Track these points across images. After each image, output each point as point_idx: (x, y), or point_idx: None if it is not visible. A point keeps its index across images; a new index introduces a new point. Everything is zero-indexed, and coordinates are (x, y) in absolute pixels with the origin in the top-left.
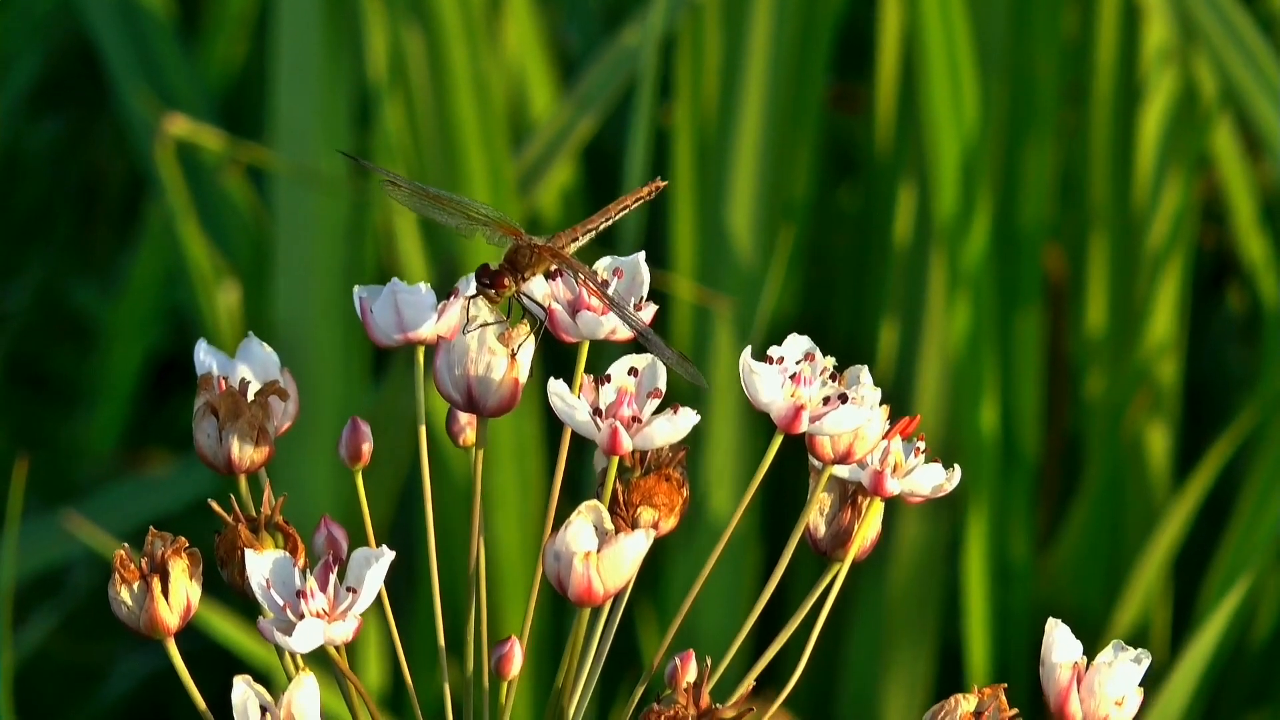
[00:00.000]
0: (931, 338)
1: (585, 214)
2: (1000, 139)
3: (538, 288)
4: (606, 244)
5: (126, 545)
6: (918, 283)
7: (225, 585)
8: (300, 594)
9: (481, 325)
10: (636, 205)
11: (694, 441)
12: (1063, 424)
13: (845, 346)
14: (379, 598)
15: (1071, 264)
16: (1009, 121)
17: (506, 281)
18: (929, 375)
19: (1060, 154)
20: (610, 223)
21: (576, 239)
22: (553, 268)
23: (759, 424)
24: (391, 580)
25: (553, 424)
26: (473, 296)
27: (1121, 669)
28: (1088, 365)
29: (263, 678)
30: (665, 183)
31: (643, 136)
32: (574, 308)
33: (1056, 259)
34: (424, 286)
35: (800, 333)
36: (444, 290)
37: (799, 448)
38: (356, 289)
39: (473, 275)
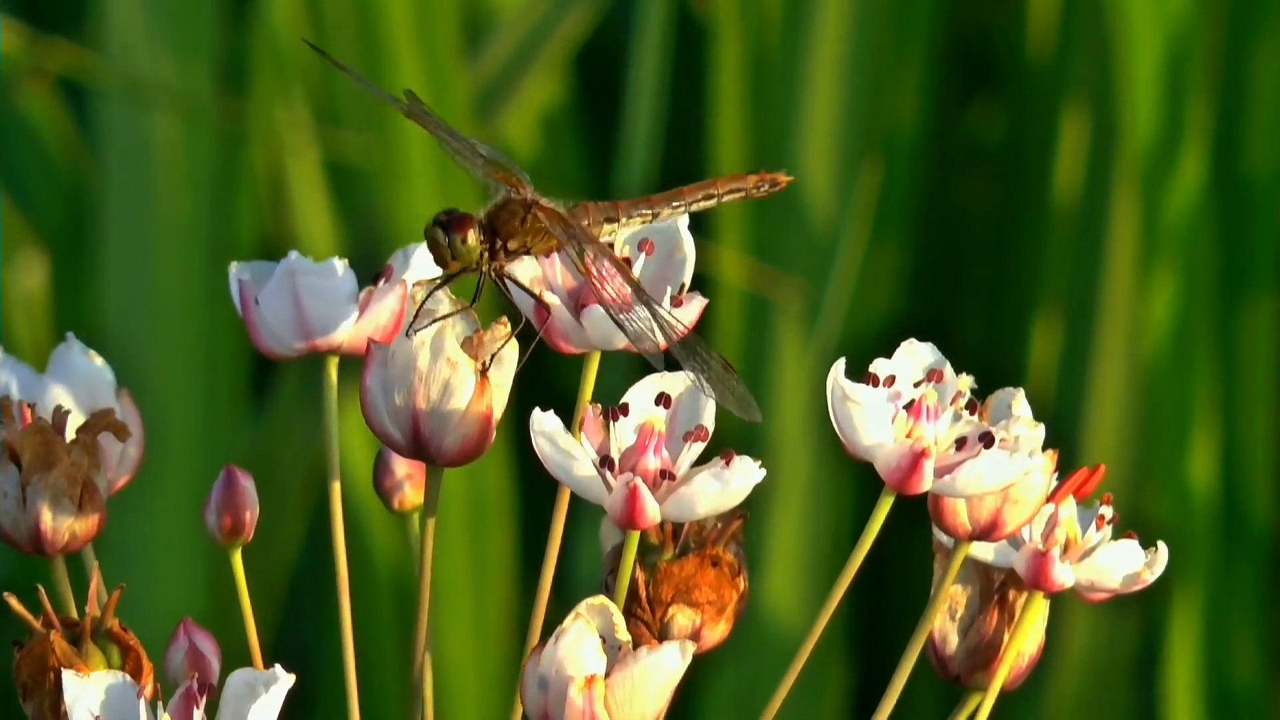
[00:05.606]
0: (1112, 340)
1: (577, 148)
2: (1220, 35)
3: (525, 270)
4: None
5: None
6: (1091, 255)
7: None
8: None
9: (436, 321)
10: (733, 198)
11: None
12: None
13: (977, 355)
14: None
15: None
16: (1232, 10)
17: (471, 237)
18: (1107, 398)
19: None
20: (685, 210)
21: (615, 219)
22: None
23: (839, 472)
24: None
25: (527, 471)
26: (435, 282)
27: None
28: None
29: None
30: (792, 178)
31: (657, 31)
32: (579, 302)
33: None
34: (339, 264)
35: (910, 334)
36: (369, 271)
37: (906, 506)
38: (234, 268)
39: (421, 243)
